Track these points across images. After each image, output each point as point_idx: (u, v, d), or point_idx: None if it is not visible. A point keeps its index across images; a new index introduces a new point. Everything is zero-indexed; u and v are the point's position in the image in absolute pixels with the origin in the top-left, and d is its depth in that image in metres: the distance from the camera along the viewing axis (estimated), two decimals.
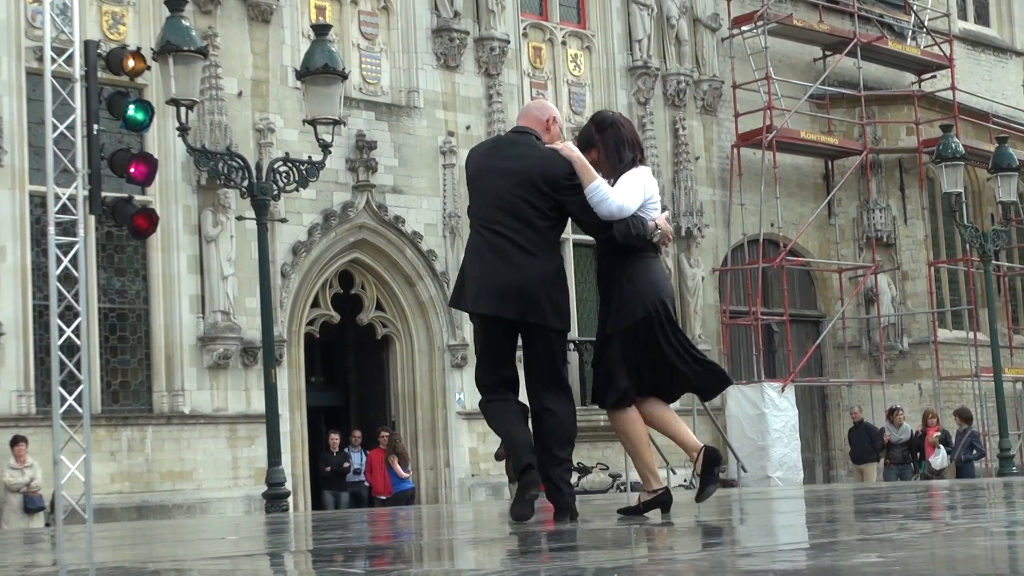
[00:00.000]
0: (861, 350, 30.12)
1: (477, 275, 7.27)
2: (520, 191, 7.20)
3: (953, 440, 24.85)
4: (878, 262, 29.74)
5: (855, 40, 30.00)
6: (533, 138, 7.43)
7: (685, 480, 24.64)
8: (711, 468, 7.40)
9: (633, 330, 7.20)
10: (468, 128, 24.63)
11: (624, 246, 7.19)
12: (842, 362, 30.00)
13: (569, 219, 7.51)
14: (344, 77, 17.21)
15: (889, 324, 29.97)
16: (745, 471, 24.88)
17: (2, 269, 19.30)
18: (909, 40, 32.79)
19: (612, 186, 7.14)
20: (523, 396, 7.42)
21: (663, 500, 7.33)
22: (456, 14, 24.51)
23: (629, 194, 7.15)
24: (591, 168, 7.17)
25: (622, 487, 23.31)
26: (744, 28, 28.87)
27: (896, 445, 24.69)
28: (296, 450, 21.84)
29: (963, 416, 25.23)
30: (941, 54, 32.26)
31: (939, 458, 24.00)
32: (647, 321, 7.19)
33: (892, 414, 25.32)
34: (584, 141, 7.45)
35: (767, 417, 26.40)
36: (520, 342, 7.37)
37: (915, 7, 33.20)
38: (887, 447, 24.83)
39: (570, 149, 7.22)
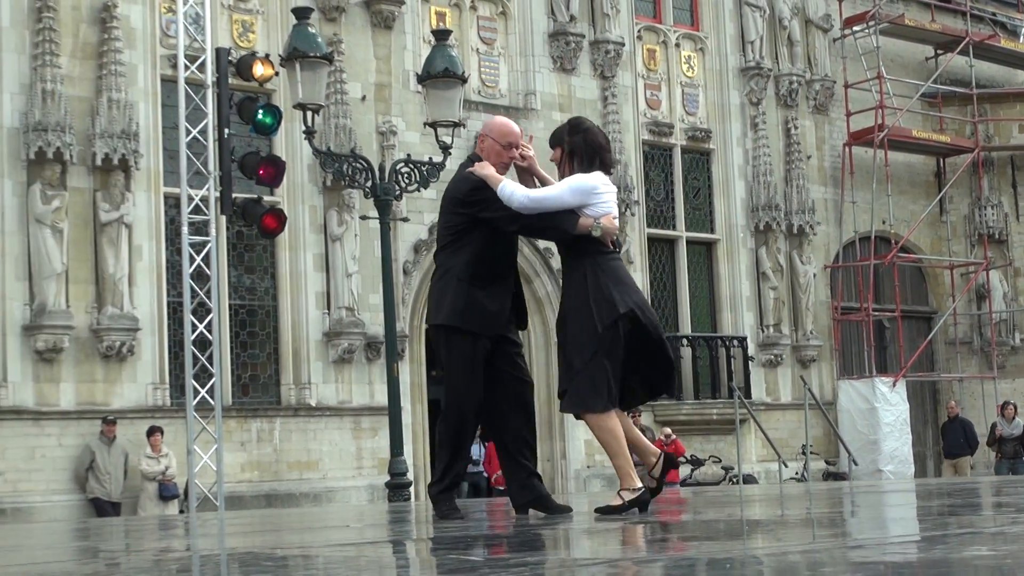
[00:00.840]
0: (972, 346, 29.70)
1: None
2: (443, 218, 7.79)
3: None
4: (990, 258, 29.29)
5: (967, 39, 29.54)
6: (470, 161, 7.75)
7: (796, 473, 24.45)
8: (666, 473, 7.56)
9: (613, 329, 7.19)
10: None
11: (564, 242, 7.39)
12: (953, 358, 29.59)
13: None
14: (464, 81, 17.29)
15: (1001, 320, 29.53)
16: (856, 464, 24.59)
17: (138, 267, 19.63)
18: (1022, 38, 32.25)
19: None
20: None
21: (643, 499, 7.22)
22: (572, 18, 24.50)
23: (550, 191, 7.40)
24: (496, 176, 7.44)
25: (734, 479, 23.16)
26: (856, 28, 28.59)
27: (1008, 440, 24.30)
28: (417, 441, 21.98)
29: None
30: None
31: None
32: (629, 318, 7.24)
33: (1004, 409, 24.94)
34: (555, 139, 7.72)
35: (878, 411, 26.16)
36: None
37: None
38: (999, 441, 24.46)
39: (480, 167, 7.47)
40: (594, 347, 7.13)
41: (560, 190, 7.33)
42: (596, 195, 7.29)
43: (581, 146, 7.51)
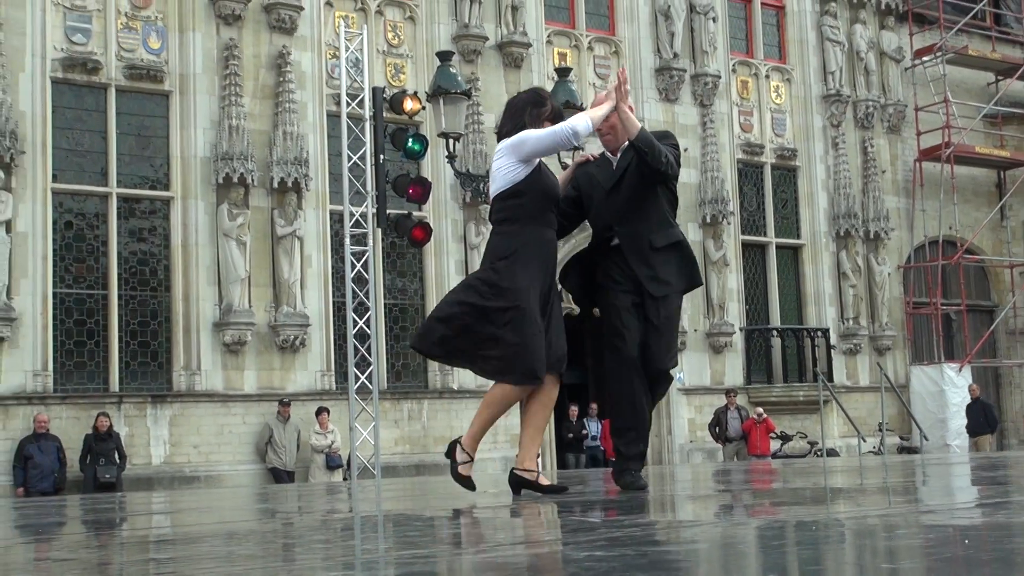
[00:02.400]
0: None
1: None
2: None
3: None
4: None
5: None
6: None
7: (874, 447, 24.03)
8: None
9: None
10: (686, 150, 24.40)
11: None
12: (1014, 346, 28.94)
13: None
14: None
15: None
16: (927, 440, 24.16)
17: (308, 273, 19.91)
18: None
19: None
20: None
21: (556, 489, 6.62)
22: (675, 55, 24.35)
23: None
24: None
25: (819, 453, 22.83)
26: (925, 59, 28.05)
27: None
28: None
29: None
30: None
31: None
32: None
33: None
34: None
35: (946, 393, 25.71)
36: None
37: None
38: None
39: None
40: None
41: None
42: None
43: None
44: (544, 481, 6.62)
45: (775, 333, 25.23)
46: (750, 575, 2.98)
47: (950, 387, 25.83)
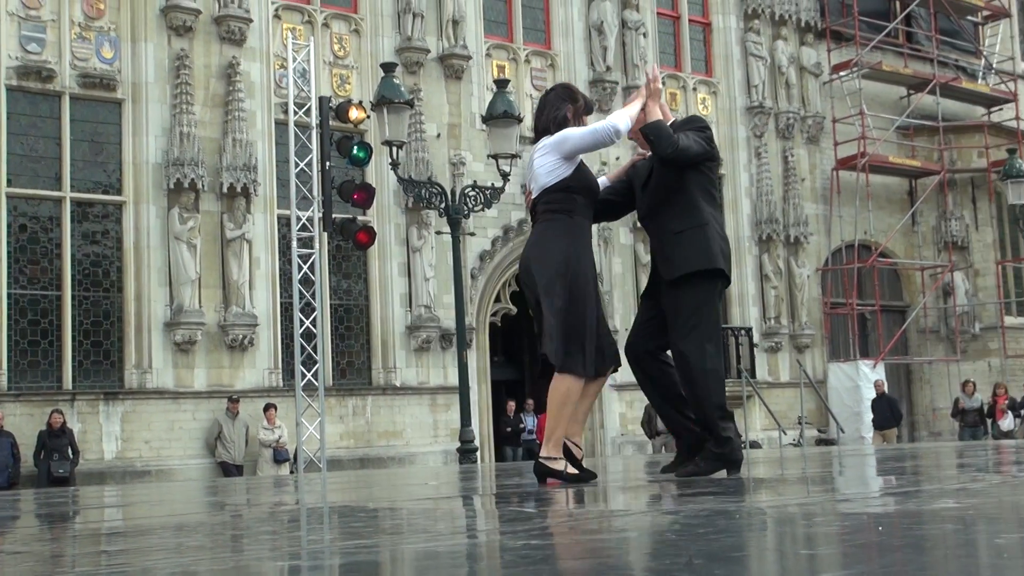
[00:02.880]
0: (940, 334, 29.41)
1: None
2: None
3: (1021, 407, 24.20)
4: (954, 262, 29.02)
5: (935, 81, 29.28)
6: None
7: (793, 439, 24.27)
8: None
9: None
10: (617, 159, 24.52)
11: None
12: (924, 344, 29.34)
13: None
14: (519, 120, 17.29)
15: (963, 312, 29.22)
16: (843, 432, 24.41)
17: (257, 275, 19.76)
18: (980, 79, 31.92)
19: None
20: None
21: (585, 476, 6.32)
22: (608, 68, 24.46)
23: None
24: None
25: (742, 445, 23.01)
26: (842, 73, 28.39)
27: (969, 411, 24.02)
28: (482, 414, 22.01)
29: None
30: (1007, 90, 31.37)
31: (1007, 421, 23.37)
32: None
33: (965, 386, 24.68)
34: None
35: (861, 389, 26.03)
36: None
37: (985, 52, 32.31)
38: (961, 413, 24.19)
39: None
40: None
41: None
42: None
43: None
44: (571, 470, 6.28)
45: None
46: (678, 561, 3.00)
47: (865, 383, 26.13)
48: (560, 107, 6.49)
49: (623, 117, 6.47)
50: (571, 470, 6.21)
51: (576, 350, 6.10)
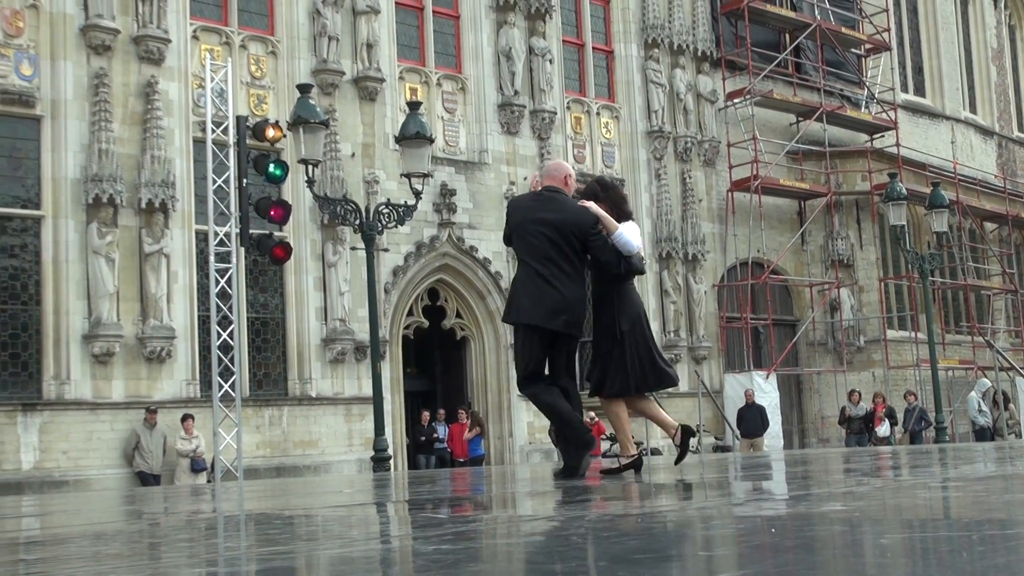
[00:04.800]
0: (827, 346, 29.93)
1: (527, 298, 7.26)
2: (558, 237, 7.21)
3: (900, 416, 24.65)
4: (840, 279, 29.58)
5: (821, 109, 29.90)
6: (563, 195, 7.42)
7: (692, 447, 24.50)
8: (687, 440, 7.59)
9: (632, 333, 7.32)
10: (525, 179, 24.64)
11: (623, 274, 7.35)
12: (813, 355, 29.82)
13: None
14: (431, 141, 17.27)
15: (849, 326, 29.78)
16: (739, 439, 24.74)
17: (175, 288, 19.46)
18: (863, 108, 32.65)
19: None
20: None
21: (638, 463, 7.49)
22: (516, 92, 24.56)
23: (638, 237, 7.36)
24: (612, 220, 7.29)
25: (644, 452, 23.18)
26: (736, 100, 28.81)
27: (855, 419, 24.45)
28: (396, 424, 21.89)
29: (914, 395, 25.14)
30: (888, 119, 32.12)
31: (883, 428, 23.79)
32: (643, 322, 7.42)
33: (851, 395, 25.11)
34: (591, 194, 7.51)
35: (755, 397, 26.30)
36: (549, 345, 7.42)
37: (868, 83, 33.08)
38: (848, 421, 24.61)
39: (595, 207, 7.30)
40: (622, 345, 7.32)
41: (636, 236, 7.37)
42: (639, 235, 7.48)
43: (617, 198, 7.52)
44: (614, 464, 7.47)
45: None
46: (582, 564, 3.01)
47: (759, 392, 26.44)
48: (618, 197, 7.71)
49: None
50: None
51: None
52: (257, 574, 3.19)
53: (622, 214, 7.38)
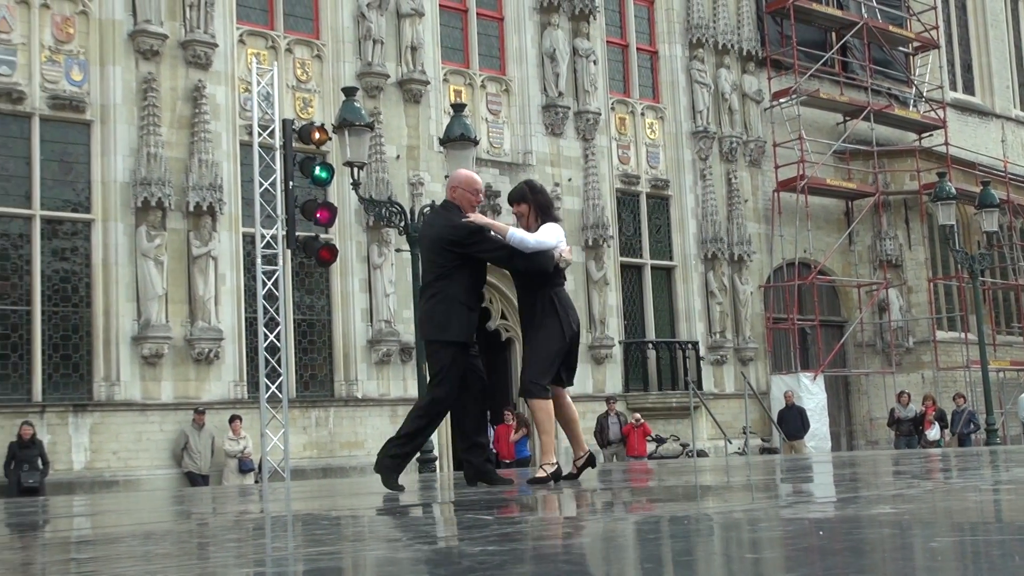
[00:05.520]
0: (876, 347, 29.67)
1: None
2: (431, 253, 7.57)
3: (949, 418, 24.35)
4: (888, 279, 29.32)
5: (869, 108, 29.65)
6: (446, 208, 7.69)
7: (738, 448, 24.40)
8: (584, 469, 7.71)
9: (572, 339, 7.41)
10: (569, 180, 24.63)
11: (539, 274, 7.39)
12: (861, 357, 29.59)
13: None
14: (475, 143, 17.30)
15: (898, 327, 29.51)
16: (785, 441, 24.55)
17: (222, 290, 19.62)
18: (911, 107, 32.34)
19: (535, 231, 7.43)
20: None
21: (558, 473, 7.40)
22: (560, 93, 24.54)
23: (544, 236, 7.37)
24: (499, 224, 7.59)
25: (690, 453, 23.10)
26: (782, 100, 28.65)
27: (904, 421, 24.19)
28: (441, 425, 21.87)
29: (963, 398, 24.84)
30: (937, 117, 31.78)
31: (933, 431, 23.51)
32: (578, 330, 7.51)
33: (900, 397, 24.86)
34: (519, 195, 7.70)
35: (802, 399, 26.11)
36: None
37: (916, 81, 32.76)
38: (897, 423, 24.35)
39: (478, 218, 7.49)
40: (554, 352, 7.31)
41: (547, 235, 7.41)
42: (561, 237, 7.51)
43: (543, 202, 7.67)
44: (540, 473, 7.33)
45: (650, 346, 25.50)
46: (628, 565, 3.00)
47: (806, 394, 26.29)
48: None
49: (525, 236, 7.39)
50: (540, 473, 7.33)
51: None
52: (304, 574, 3.20)
53: (548, 216, 7.56)
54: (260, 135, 16.07)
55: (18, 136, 18.46)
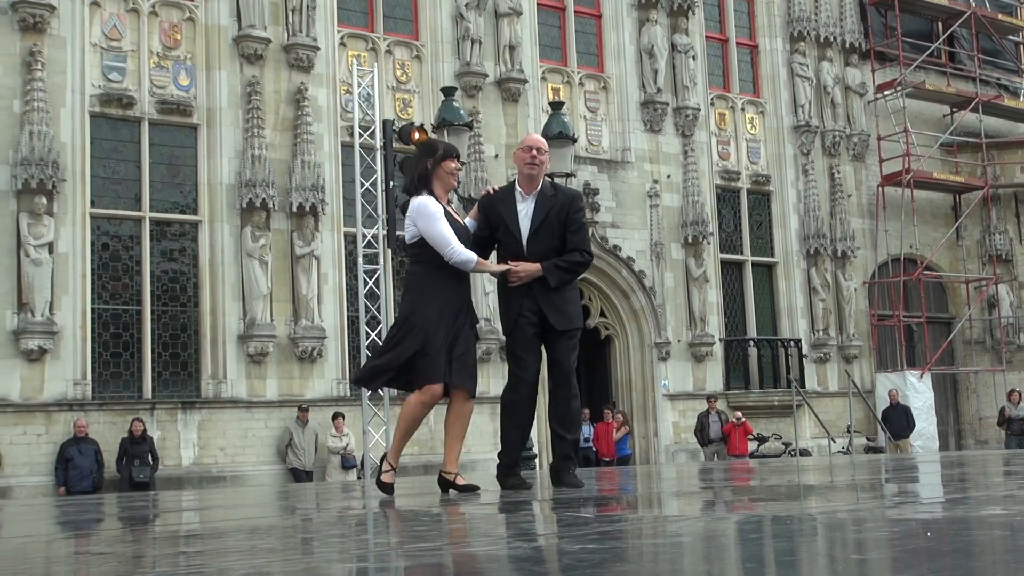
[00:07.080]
0: (985, 344, 28.95)
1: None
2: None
3: None
4: (998, 274, 28.58)
5: (977, 99, 28.90)
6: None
7: (842, 447, 23.99)
8: (461, 489, 6.97)
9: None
10: (668, 177, 24.46)
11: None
12: (969, 354, 28.88)
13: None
14: (574, 141, 17.29)
15: (1008, 323, 28.74)
16: (891, 440, 24.09)
17: (325, 289, 19.90)
18: (1022, 97, 31.46)
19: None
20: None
21: (471, 487, 7.00)
22: (659, 90, 24.38)
23: (433, 234, 6.85)
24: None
25: (792, 452, 22.79)
26: (886, 92, 28.10)
27: (1015, 420, 23.58)
28: (541, 423, 21.90)
29: None
30: None
31: None
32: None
33: (1011, 395, 24.23)
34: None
35: (908, 398, 25.64)
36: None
37: None
38: (1008, 422, 23.75)
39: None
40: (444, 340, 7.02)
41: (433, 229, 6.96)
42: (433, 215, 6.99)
43: (420, 170, 7.10)
44: (460, 481, 7.01)
45: (752, 343, 25.20)
46: (730, 565, 2.97)
47: (912, 392, 25.79)
48: (419, 164, 6.98)
49: (470, 258, 6.85)
50: (461, 481, 7.00)
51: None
52: (406, 570, 3.23)
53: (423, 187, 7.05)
54: (361, 136, 16.26)
55: (128, 140, 18.97)
